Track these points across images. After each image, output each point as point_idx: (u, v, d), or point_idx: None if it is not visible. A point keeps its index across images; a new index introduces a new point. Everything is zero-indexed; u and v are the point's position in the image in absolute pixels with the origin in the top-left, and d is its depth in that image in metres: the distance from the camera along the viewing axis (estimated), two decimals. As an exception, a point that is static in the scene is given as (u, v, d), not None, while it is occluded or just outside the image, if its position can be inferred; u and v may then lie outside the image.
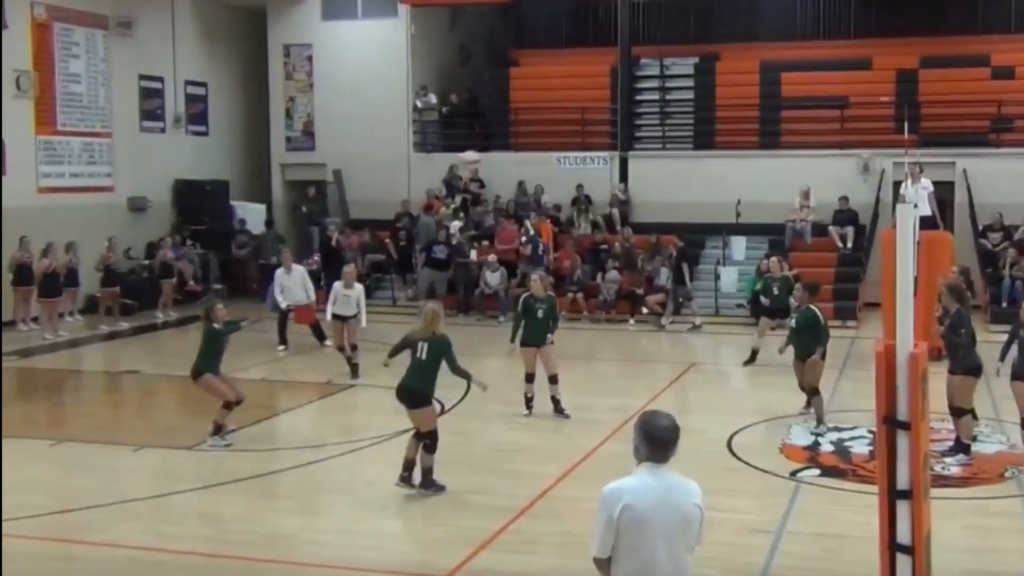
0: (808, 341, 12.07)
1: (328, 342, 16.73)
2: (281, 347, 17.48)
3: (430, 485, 9.34)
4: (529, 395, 12.58)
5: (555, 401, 12.57)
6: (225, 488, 9.83)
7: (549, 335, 12.57)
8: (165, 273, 21.37)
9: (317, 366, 16.00)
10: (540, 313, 12.49)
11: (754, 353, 16.02)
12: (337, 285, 15.39)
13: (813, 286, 12.76)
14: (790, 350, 12.55)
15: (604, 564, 4.60)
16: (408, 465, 9.40)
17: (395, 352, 9.79)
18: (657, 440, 4.54)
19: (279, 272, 17.53)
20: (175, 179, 24.15)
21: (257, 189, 26.05)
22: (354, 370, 15.04)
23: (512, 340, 12.63)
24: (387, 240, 23.04)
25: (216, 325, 11.43)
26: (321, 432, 12.45)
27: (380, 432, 11.68)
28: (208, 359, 11.32)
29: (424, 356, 9.34)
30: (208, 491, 9.76)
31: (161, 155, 23.73)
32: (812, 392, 12.15)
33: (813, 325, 12.08)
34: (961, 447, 10.53)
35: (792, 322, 12.55)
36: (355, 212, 24.52)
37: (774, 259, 17.48)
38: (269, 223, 24.03)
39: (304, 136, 25.51)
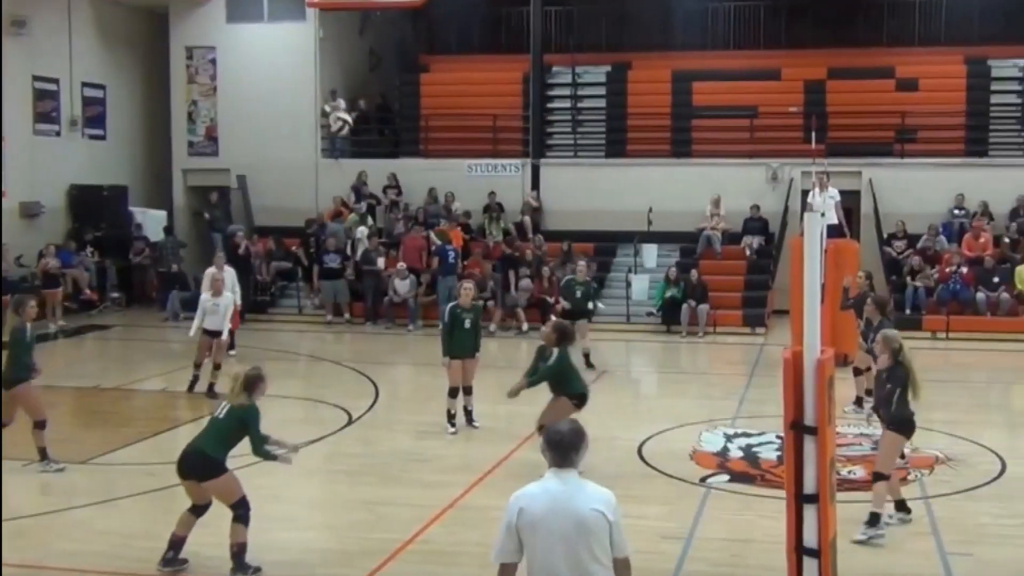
0: (559, 383, 10.54)
1: (233, 352, 16.18)
2: None
3: (243, 568, 7.67)
4: (452, 411, 12.21)
5: (467, 412, 12.35)
6: (123, 503, 9.51)
7: (477, 352, 12.30)
8: (49, 282, 20.31)
9: (221, 376, 15.41)
10: (468, 324, 12.21)
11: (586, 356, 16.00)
12: (204, 295, 14.42)
13: (564, 330, 10.82)
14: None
15: (503, 570, 4.65)
16: (177, 543, 7.79)
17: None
18: (555, 444, 4.62)
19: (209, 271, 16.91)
20: (71, 184, 23.28)
21: (157, 195, 25.29)
22: (211, 391, 13.76)
23: (445, 354, 12.19)
24: (294, 248, 22.47)
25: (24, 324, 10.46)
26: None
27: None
28: (21, 365, 10.41)
29: (223, 418, 7.80)
30: (105, 506, 9.40)
31: (56, 159, 22.83)
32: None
33: (559, 371, 10.49)
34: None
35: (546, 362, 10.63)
36: (260, 219, 23.97)
37: (581, 264, 17.50)
38: (169, 229, 23.33)
39: (207, 141, 24.86)
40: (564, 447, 4.61)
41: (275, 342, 18.75)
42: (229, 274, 16.87)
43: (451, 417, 12.19)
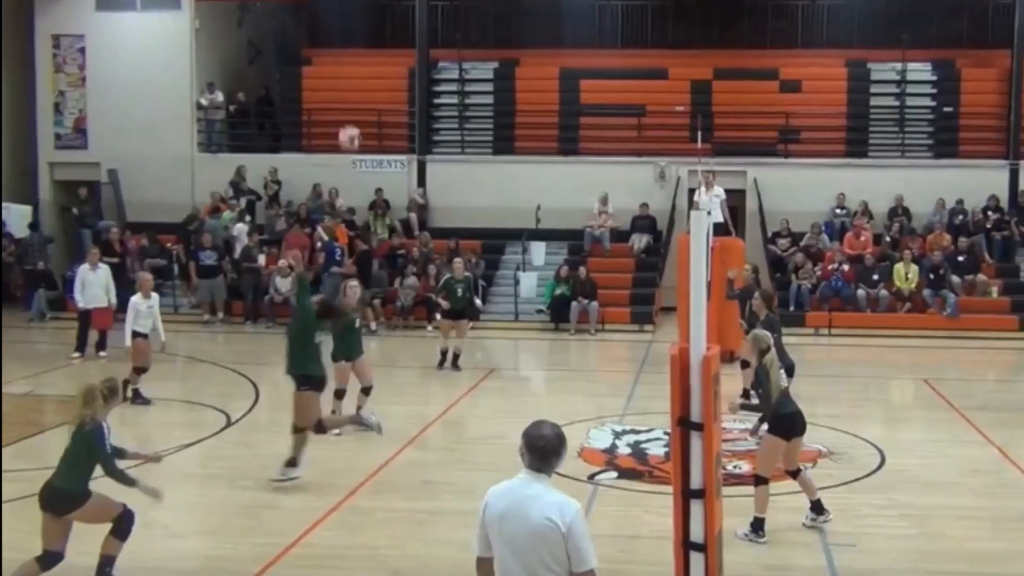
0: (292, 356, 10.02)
1: (104, 353, 15.80)
2: (76, 354, 15.98)
3: None
4: (337, 413, 11.77)
5: (359, 410, 11.90)
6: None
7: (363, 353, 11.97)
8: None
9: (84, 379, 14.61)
10: (357, 323, 11.92)
11: (443, 354, 15.83)
12: (135, 298, 13.64)
13: (325, 306, 10.76)
14: None
15: (479, 564, 4.61)
16: None
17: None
18: (537, 449, 4.53)
19: (82, 268, 16.39)
20: (-74, 178, 21.94)
21: (21, 189, 24.03)
22: (136, 396, 13.19)
23: (338, 358, 11.71)
24: (170, 244, 21.60)
25: None
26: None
27: (162, 447, 10.78)
28: None
29: (70, 443, 7.20)
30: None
31: (-91, 151, 21.47)
32: (296, 430, 9.94)
33: (299, 325, 10.04)
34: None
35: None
36: (133, 215, 23.04)
37: (458, 261, 17.36)
38: (35, 226, 22.22)
39: (75, 133, 23.82)
40: (546, 453, 4.51)
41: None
42: (103, 271, 16.34)
43: None
